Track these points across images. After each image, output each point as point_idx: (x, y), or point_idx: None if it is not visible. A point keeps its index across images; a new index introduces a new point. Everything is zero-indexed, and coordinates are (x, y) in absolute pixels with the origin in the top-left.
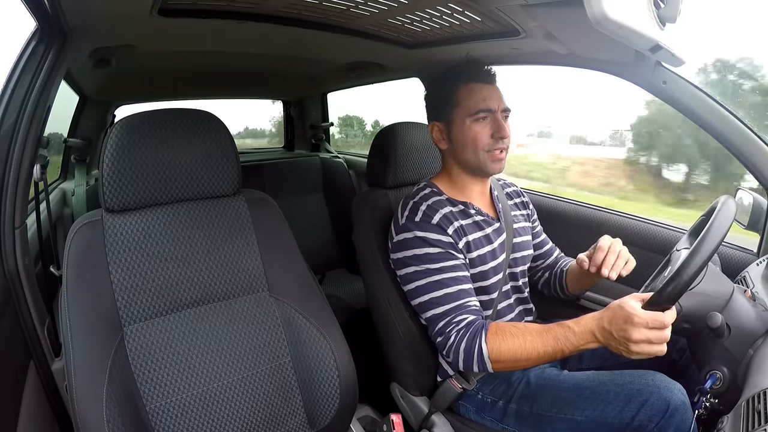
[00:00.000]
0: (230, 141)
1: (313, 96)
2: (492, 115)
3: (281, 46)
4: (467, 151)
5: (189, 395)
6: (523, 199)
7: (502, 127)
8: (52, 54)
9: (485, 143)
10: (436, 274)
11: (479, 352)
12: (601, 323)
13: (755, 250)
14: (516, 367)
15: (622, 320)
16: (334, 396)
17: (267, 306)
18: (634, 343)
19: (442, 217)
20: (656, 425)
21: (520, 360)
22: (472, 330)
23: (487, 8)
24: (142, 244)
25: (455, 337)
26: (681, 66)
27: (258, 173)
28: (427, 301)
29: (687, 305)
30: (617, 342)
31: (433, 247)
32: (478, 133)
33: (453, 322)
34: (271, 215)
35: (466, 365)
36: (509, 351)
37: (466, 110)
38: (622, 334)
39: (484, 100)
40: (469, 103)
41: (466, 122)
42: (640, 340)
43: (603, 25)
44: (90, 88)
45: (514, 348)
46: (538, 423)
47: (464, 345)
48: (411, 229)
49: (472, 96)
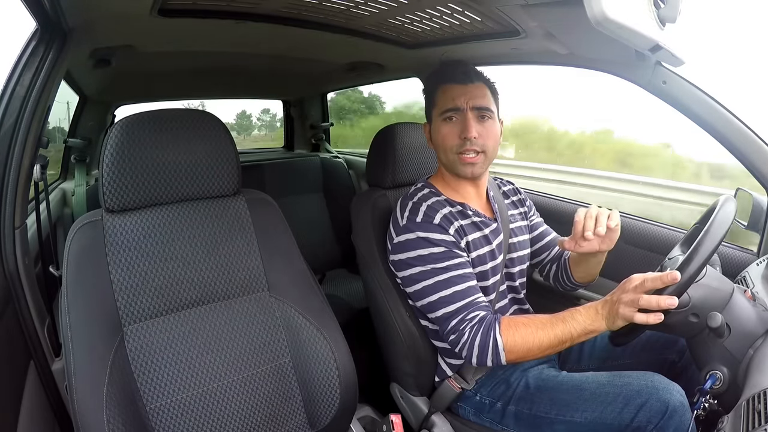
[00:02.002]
0: (230, 141)
1: (313, 96)
2: (461, 115)
3: (281, 46)
4: (440, 152)
5: (189, 395)
6: (520, 196)
7: (466, 127)
8: (52, 54)
9: (452, 144)
10: (442, 273)
11: (494, 345)
12: (605, 299)
13: (755, 250)
14: (528, 356)
15: (621, 288)
16: (334, 396)
17: (267, 306)
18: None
19: (443, 218)
20: (655, 426)
21: (533, 348)
22: (486, 324)
23: (487, 8)
24: (142, 244)
25: (469, 333)
26: (681, 66)
27: (258, 173)
28: (436, 301)
29: (696, 296)
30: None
31: (437, 246)
32: (446, 134)
33: (466, 319)
34: (271, 215)
35: (480, 360)
36: (523, 340)
37: (438, 110)
38: (616, 297)
39: (453, 99)
40: (440, 102)
41: (437, 122)
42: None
43: (603, 25)
44: (90, 88)
45: (527, 337)
46: (536, 424)
47: (479, 340)
48: (413, 230)
49: (443, 96)
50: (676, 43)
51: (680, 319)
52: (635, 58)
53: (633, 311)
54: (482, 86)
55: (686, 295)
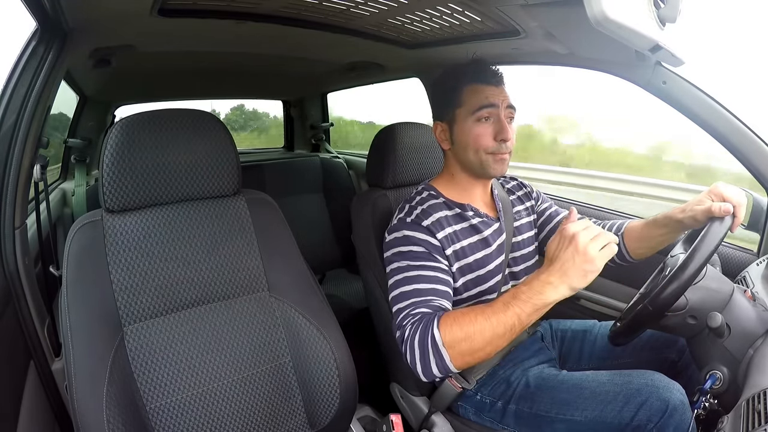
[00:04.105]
0: (230, 141)
1: (313, 96)
2: (495, 115)
3: (281, 46)
4: (469, 152)
5: (189, 395)
6: (526, 189)
7: (504, 129)
8: (52, 54)
9: (488, 146)
10: (413, 271)
11: (432, 340)
12: (545, 265)
13: (755, 250)
14: (473, 351)
15: (563, 243)
16: (334, 396)
17: (267, 306)
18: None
19: (435, 221)
20: (655, 425)
21: (475, 338)
22: (426, 320)
23: (487, 8)
24: (142, 244)
25: (410, 331)
26: (681, 66)
27: (258, 173)
28: (397, 295)
29: (693, 299)
30: (569, 261)
31: (417, 246)
32: (480, 135)
33: (410, 314)
34: (271, 215)
35: (423, 362)
36: (462, 332)
37: (469, 110)
38: (569, 249)
39: (488, 100)
40: (472, 102)
41: (468, 122)
42: (587, 238)
43: (603, 25)
44: (90, 88)
45: (466, 326)
46: (537, 423)
47: (418, 337)
48: (400, 228)
49: (476, 96)
50: (676, 43)
51: (678, 322)
52: (635, 58)
53: (607, 249)
54: (506, 89)
55: (684, 297)
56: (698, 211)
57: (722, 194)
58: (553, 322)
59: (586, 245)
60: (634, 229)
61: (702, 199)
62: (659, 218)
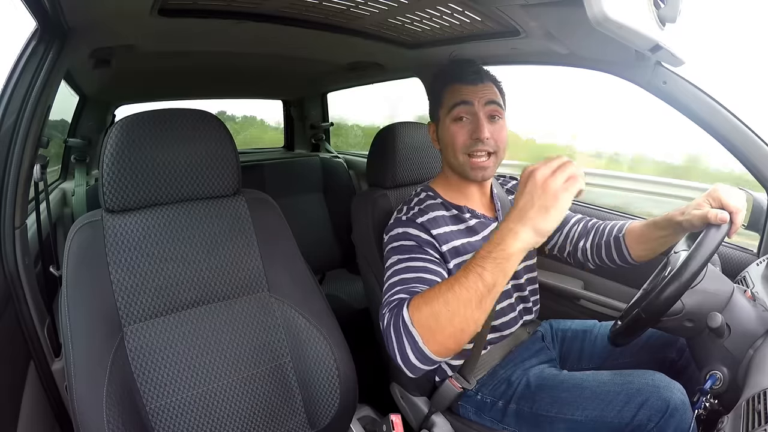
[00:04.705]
0: (230, 141)
1: (313, 96)
2: (472, 113)
3: (281, 46)
4: (449, 153)
5: (189, 395)
6: None
7: (479, 128)
8: (52, 54)
9: (463, 144)
10: (401, 263)
11: (403, 321)
12: (510, 212)
13: (755, 250)
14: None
15: (521, 184)
16: (334, 396)
17: (267, 306)
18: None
19: (431, 219)
20: (656, 425)
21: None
22: (399, 304)
23: (487, 8)
24: (142, 244)
25: (387, 318)
26: (681, 66)
27: (258, 173)
28: (384, 289)
29: (690, 303)
30: (528, 200)
31: (410, 240)
32: (456, 134)
33: (388, 300)
34: (271, 215)
35: (400, 350)
36: (426, 305)
37: (446, 110)
38: (527, 188)
39: (463, 99)
40: (449, 102)
41: (446, 122)
42: (548, 171)
43: (603, 25)
44: (90, 88)
45: (431, 299)
46: (537, 423)
47: (393, 322)
48: (395, 227)
49: (453, 96)
50: (676, 43)
51: (675, 325)
52: (635, 58)
53: (571, 182)
54: (491, 86)
55: (680, 302)
56: (696, 216)
57: (720, 200)
58: (553, 322)
59: (545, 178)
60: (635, 230)
61: (701, 203)
62: (659, 220)
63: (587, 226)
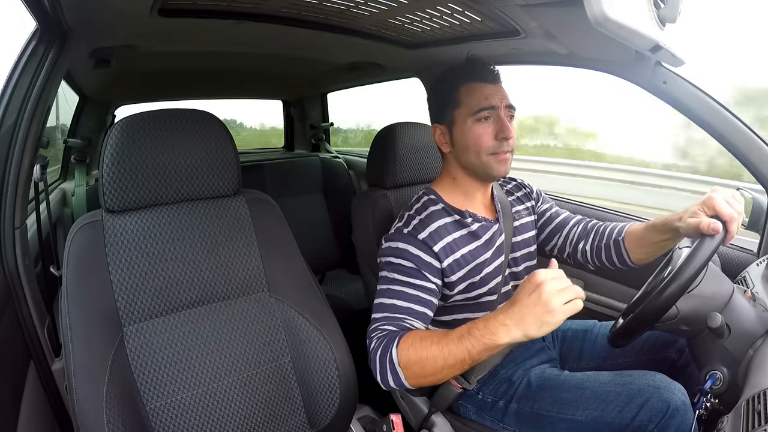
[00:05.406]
0: (230, 141)
1: (313, 96)
2: (495, 115)
3: (281, 46)
4: (470, 154)
5: (189, 395)
6: (526, 190)
7: (506, 127)
8: (52, 54)
9: (489, 145)
10: (396, 285)
11: (390, 358)
12: (506, 305)
13: (755, 250)
14: (426, 374)
15: (529, 288)
16: (334, 396)
17: (267, 306)
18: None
19: (433, 232)
20: (656, 425)
21: (427, 364)
22: (389, 337)
23: (487, 8)
24: (142, 244)
25: (375, 345)
26: (681, 66)
27: (258, 173)
28: (376, 304)
29: (684, 308)
30: (529, 308)
31: (408, 261)
32: (481, 135)
33: (379, 329)
34: (271, 215)
35: (382, 376)
36: (416, 356)
37: (468, 110)
38: (532, 296)
39: (486, 98)
40: (470, 102)
41: (467, 123)
42: (554, 289)
43: (603, 25)
44: (90, 88)
45: (421, 352)
46: (538, 423)
47: (380, 352)
48: (396, 239)
49: (474, 95)
50: (676, 43)
51: (671, 328)
52: (635, 58)
53: (571, 305)
54: (503, 86)
55: (674, 307)
56: (690, 224)
57: (714, 208)
58: None
59: (550, 296)
60: (634, 234)
61: (696, 210)
62: (658, 224)
63: (587, 227)
